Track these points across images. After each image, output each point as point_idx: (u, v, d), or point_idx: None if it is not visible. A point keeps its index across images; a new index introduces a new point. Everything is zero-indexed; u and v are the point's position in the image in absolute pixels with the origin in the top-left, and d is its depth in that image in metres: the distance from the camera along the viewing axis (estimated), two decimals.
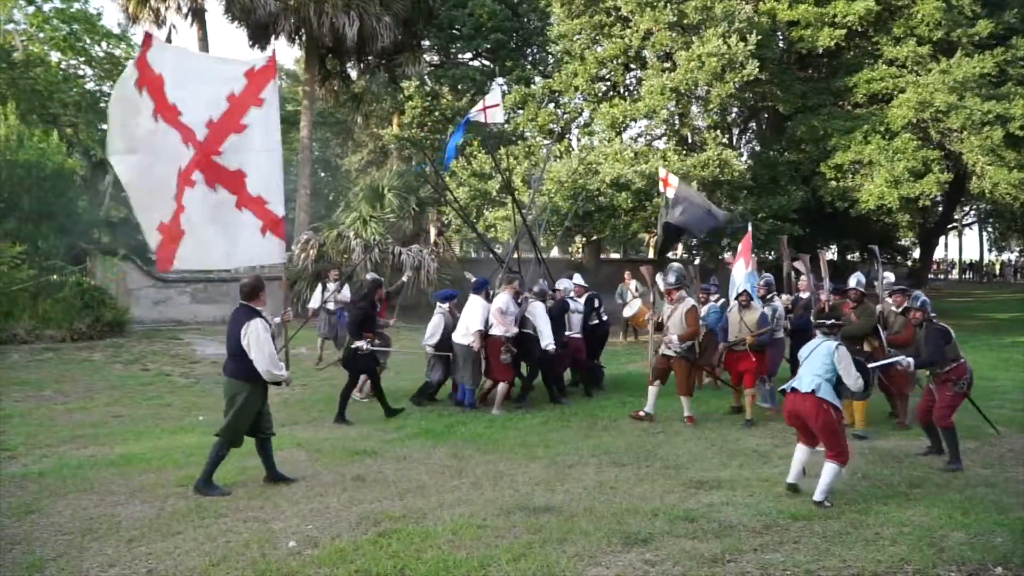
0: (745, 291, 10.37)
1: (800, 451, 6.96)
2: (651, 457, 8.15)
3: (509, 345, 10.59)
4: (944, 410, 7.89)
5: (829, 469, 6.55)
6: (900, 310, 9.68)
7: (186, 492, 6.75)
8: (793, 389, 6.87)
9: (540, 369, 11.33)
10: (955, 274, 60.90)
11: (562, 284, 12.13)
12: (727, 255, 14.32)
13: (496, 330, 10.53)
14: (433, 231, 27.59)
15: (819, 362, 6.88)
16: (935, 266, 54.56)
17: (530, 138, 25.63)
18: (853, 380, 6.80)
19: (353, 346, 10.01)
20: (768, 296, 10.81)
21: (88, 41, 24.91)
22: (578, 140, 25.95)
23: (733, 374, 10.58)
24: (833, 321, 7.27)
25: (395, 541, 5.56)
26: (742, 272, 11.43)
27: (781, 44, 24.67)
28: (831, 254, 44.69)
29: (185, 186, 6.87)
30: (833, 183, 22.05)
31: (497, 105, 14.10)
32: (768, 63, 22.21)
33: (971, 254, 65.29)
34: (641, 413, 10.09)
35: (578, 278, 12.83)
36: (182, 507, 6.34)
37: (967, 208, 44.79)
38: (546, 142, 24.41)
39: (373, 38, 25.82)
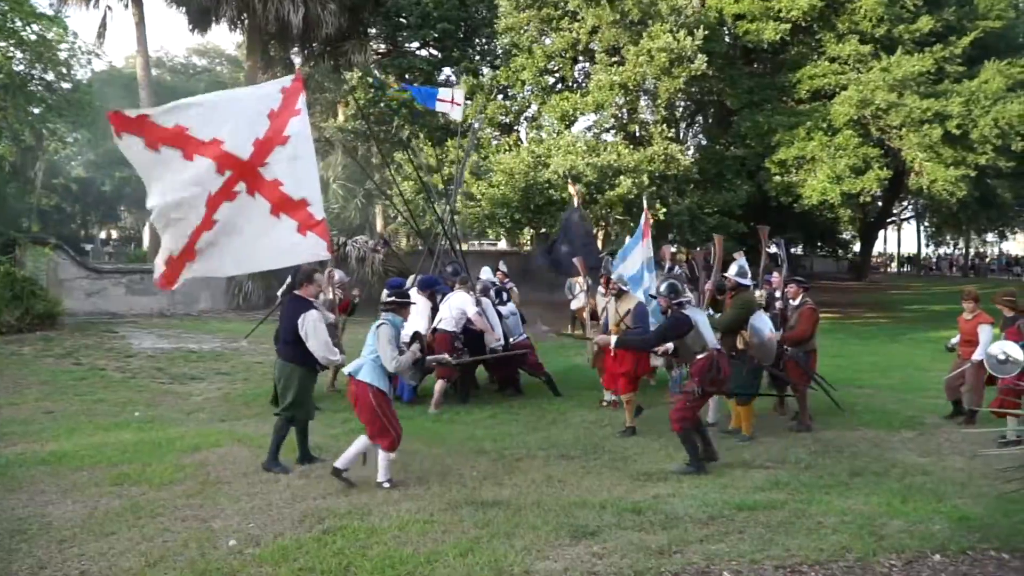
0: (605, 276, 9.54)
1: (361, 439, 6.80)
2: (599, 450, 8.20)
3: (462, 340, 10.51)
4: (679, 411, 7.37)
5: (380, 455, 6.71)
6: (797, 303, 9.44)
7: (120, 490, 6.58)
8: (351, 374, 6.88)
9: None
10: (894, 267, 62.60)
11: (488, 287, 11.64)
12: (672, 247, 14.33)
13: (445, 325, 10.37)
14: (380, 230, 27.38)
15: (368, 342, 6.89)
16: (875, 259, 55.98)
17: (479, 130, 25.56)
18: (389, 361, 6.65)
19: None
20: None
21: (19, 23, 24.06)
22: (527, 133, 25.96)
23: (607, 375, 9.54)
24: (392, 299, 7.03)
25: (340, 538, 5.49)
26: (640, 256, 10.43)
27: (727, 39, 25.01)
28: (775, 247, 45.53)
29: (224, 200, 7.17)
30: (777, 178, 22.45)
31: (460, 105, 14.18)
32: (715, 57, 22.49)
33: (909, 248, 67.28)
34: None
35: (487, 272, 12.55)
36: (116, 506, 6.17)
37: (905, 203, 46.01)
38: (483, 131, 24.30)
39: (318, 25, 25.45)
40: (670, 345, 7.57)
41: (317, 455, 7.58)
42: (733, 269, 8.97)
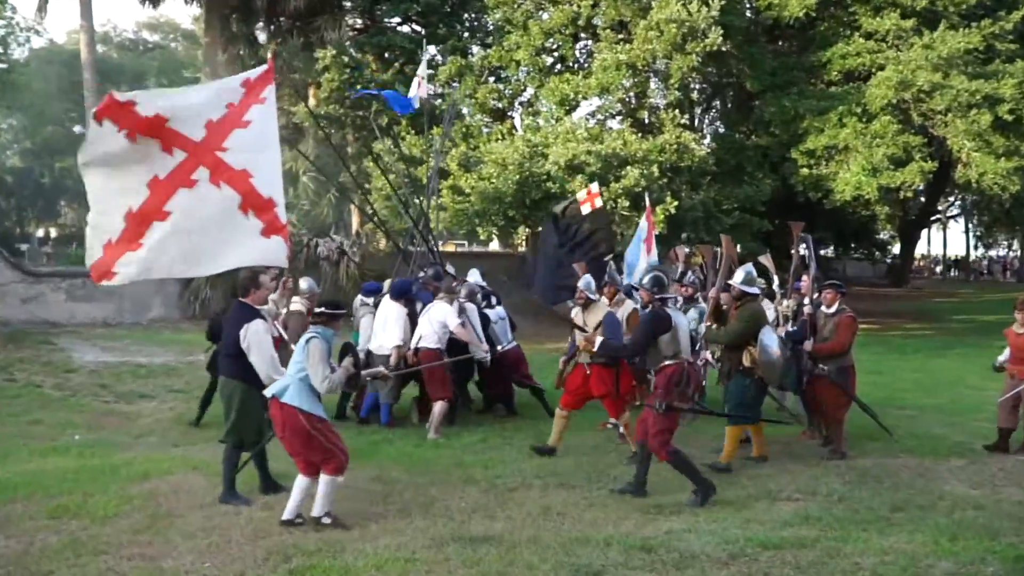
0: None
1: (298, 483, 6.62)
2: (603, 478, 8.17)
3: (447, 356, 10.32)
4: (657, 436, 7.36)
5: (323, 480, 6.50)
6: (832, 310, 9.23)
7: (59, 524, 6.53)
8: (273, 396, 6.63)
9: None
10: (939, 271, 62.65)
11: (474, 291, 11.57)
12: (686, 248, 14.20)
13: (427, 341, 10.19)
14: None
15: (295, 359, 6.65)
16: (917, 262, 56.05)
17: (468, 116, 25.55)
18: (319, 380, 6.44)
19: None
20: (693, 296, 10.57)
21: None
22: (522, 120, 25.98)
23: (575, 397, 9.23)
24: (322, 309, 6.75)
25: None
26: (643, 261, 10.66)
27: (748, 13, 25.04)
28: (802, 249, 45.50)
29: (179, 187, 7.17)
30: (805, 170, 22.43)
31: (423, 79, 14.34)
32: (734, 33, 22.49)
33: (956, 249, 67.28)
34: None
35: (475, 274, 12.41)
36: (54, 542, 6.13)
37: (951, 199, 46.13)
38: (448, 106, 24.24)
39: None
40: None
41: (284, 483, 7.53)
42: (739, 275, 8.76)
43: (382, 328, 10.44)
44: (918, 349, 20.55)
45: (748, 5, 25.00)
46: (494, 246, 36.94)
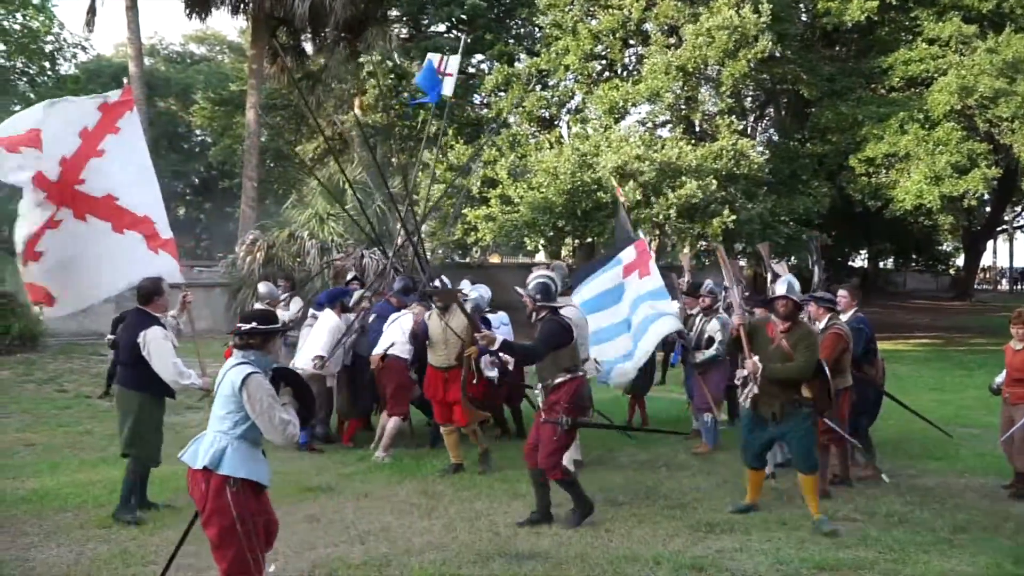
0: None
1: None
2: (652, 495, 8.15)
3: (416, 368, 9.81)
4: (553, 455, 7.04)
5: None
6: (822, 326, 8.19)
7: (109, 534, 6.70)
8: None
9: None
10: (1005, 284, 61.16)
11: (475, 291, 10.88)
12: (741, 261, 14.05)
13: (398, 350, 9.69)
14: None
15: (222, 409, 4.87)
16: (982, 274, 54.89)
17: (515, 125, 25.64)
18: (278, 430, 4.70)
19: None
20: (713, 307, 10.15)
21: (1, 11, 24.78)
22: (569, 128, 25.98)
23: (442, 407, 9.05)
24: (253, 326, 4.96)
25: None
26: (641, 287, 9.44)
27: (804, 18, 24.83)
28: (861, 261, 44.98)
29: (46, 230, 7.10)
30: (864, 179, 22.18)
31: (452, 75, 14.35)
32: (789, 39, 22.31)
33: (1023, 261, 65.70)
34: None
35: (484, 288, 12.04)
36: (104, 552, 6.29)
37: (1019, 208, 45.22)
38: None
39: (329, 10, 25.77)
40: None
41: (161, 503, 7.64)
42: (781, 286, 7.53)
43: (311, 340, 10.20)
44: (982, 365, 20.07)
45: (804, 10, 24.80)
46: (540, 257, 36.92)
